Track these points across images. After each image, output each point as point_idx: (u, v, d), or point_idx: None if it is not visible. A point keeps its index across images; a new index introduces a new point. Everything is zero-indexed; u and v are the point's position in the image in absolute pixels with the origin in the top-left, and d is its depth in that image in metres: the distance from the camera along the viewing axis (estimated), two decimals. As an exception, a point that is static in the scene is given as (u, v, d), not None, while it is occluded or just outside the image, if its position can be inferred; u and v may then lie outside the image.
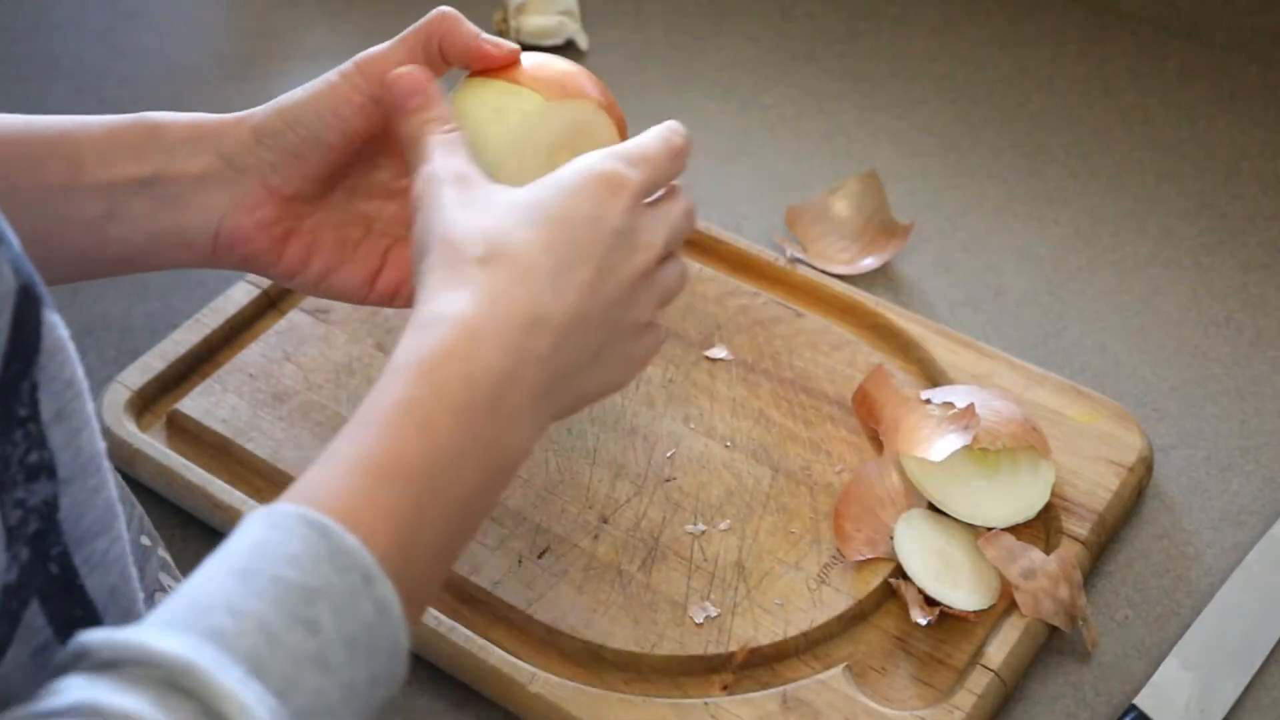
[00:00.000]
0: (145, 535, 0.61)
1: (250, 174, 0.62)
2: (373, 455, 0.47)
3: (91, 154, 0.60)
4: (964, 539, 0.68)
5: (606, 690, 0.64)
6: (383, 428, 0.48)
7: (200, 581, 0.43)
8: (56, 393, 0.43)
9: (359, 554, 0.44)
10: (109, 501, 0.46)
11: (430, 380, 0.49)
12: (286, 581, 0.42)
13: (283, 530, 0.44)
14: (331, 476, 0.47)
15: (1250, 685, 0.66)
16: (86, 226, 0.61)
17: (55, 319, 0.43)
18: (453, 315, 0.50)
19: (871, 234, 0.86)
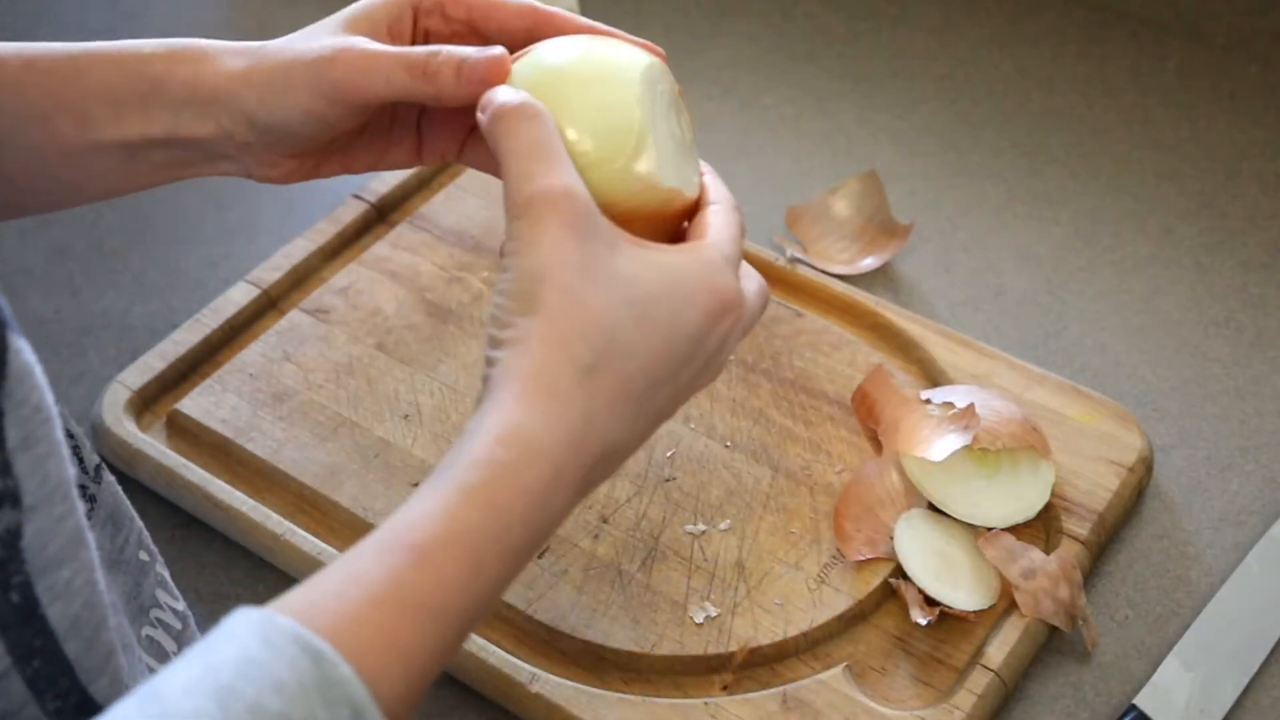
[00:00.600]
0: (143, 550, 0.60)
1: (254, 145, 0.60)
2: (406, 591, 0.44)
3: (97, 109, 0.58)
4: (964, 539, 0.68)
5: (606, 690, 0.64)
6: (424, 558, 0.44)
7: (178, 693, 0.40)
8: (23, 419, 0.42)
9: (351, 686, 0.41)
10: (76, 529, 0.44)
11: (489, 514, 0.46)
12: (266, 710, 0.39)
13: (274, 649, 0.41)
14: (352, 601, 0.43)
15: (1250, 685, 0.66)
16: (110, 169, 0.60)
17: (21, 344, 0.42)
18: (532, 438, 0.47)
19: (871, 234, 0.86)
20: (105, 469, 0.58)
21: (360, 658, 0.41)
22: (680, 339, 0.52)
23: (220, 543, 0.72)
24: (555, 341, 0.49)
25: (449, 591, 0.44)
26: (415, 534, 0.45)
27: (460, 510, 0.45)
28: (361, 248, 0.84)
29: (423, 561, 0.44)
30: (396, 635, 0.43)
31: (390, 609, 0.43)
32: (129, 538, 0.59)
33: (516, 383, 0.48)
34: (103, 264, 0.87)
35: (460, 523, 0.45)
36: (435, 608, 0.44)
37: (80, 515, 0.45)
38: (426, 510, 0.45)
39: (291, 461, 0.72)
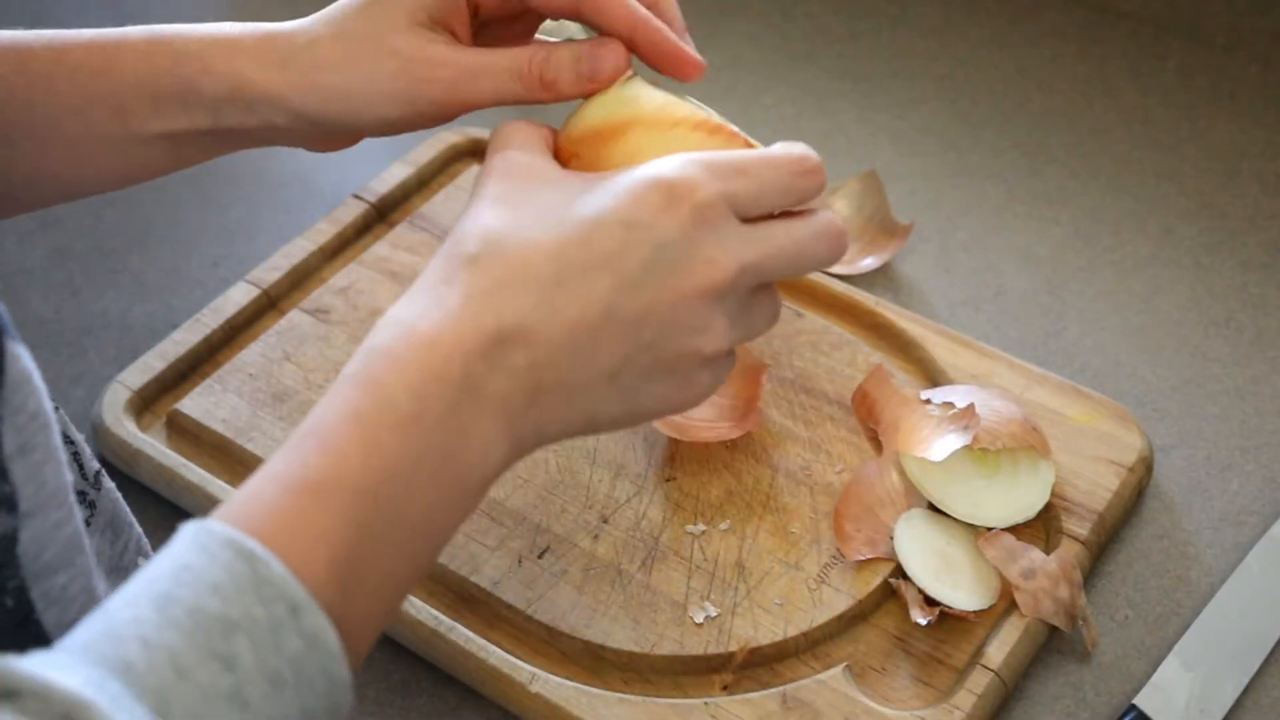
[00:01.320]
0: (143, 556, 0.60)
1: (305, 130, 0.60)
2: (311, 472, 0.44)
3: (135, 102, 0.58)
4: (964, 539, 0.68)
5: (606, 690, 0.64)
6: (322, 441, 0.45)
7: (120, 605, 0.40)
8: (20, 425, 0.42)
9: (286, 583, 0.41)
10: (73, 536, 0.45)
11: (374, 391, 0.46)
12: (205, 612, 0.40)
13: (208, 554, 0.41)
14: (268, 495, 0.44)
15: (1250, 685, 0.66)
16: (155, 159, 0.61)
17: (20, 350, 0.42)
18: (409, 320, 0.47)
19: (871, 234, 0.86)
20: (105, 475, 0.58)
21: (281, 546, 0.42)
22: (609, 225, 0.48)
23: (220, 543, 0.72)
24: (450, 242, 0.50)
25: (349, 467, 0.44)
26: (313, 423, 0.46)
27: (347, 393, 0.46)
28: (361, 248, 0.84)
29: (320, 445, 0.45)
30: (309, 517, 0.43)
31: (299, 494, 0.44)
32: (128, 544, 0.59)
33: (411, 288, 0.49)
34: (103, 264, 0.87)
35: (349, 404, 0.46)
36: (340, 485, 0.44)
37: (78, 522, 0.45)
38: (323, 404, 0.46)
39: (291, 461, 0.72)
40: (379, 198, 0.86)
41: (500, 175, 0.51)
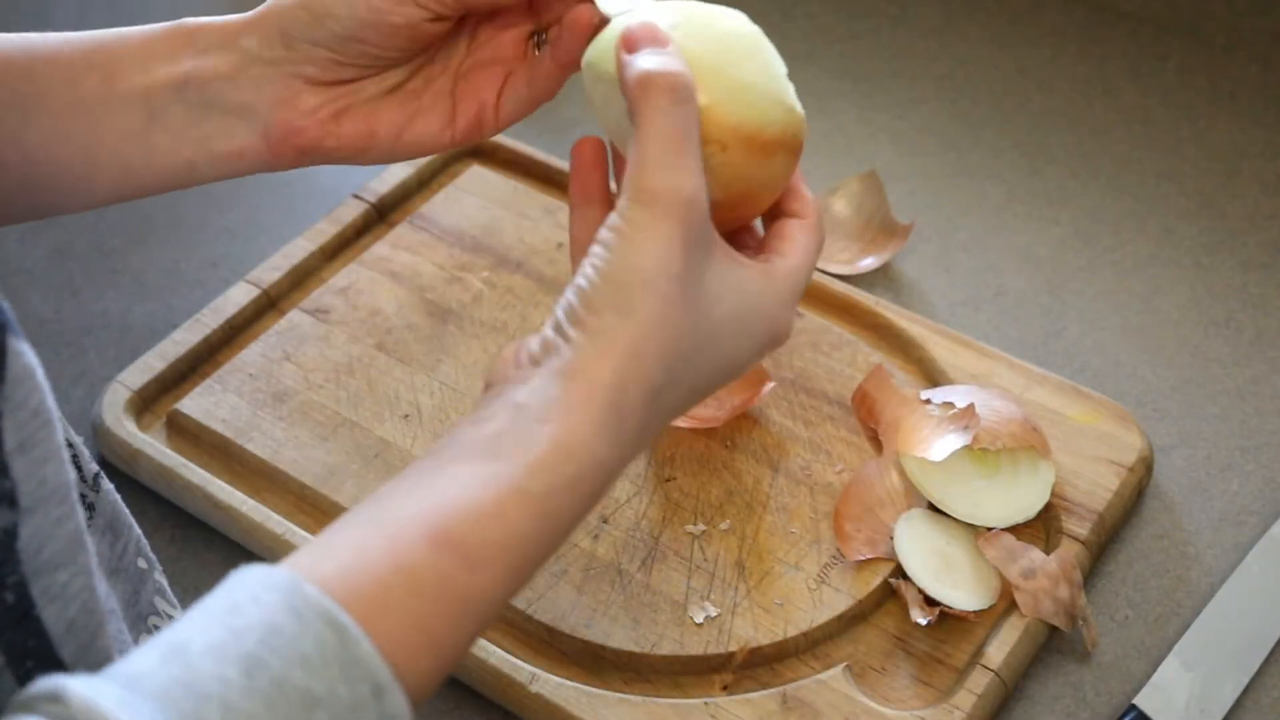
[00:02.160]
0: (142, 558, 0.60)
1: (282, 66, 0.59)
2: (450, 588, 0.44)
3: (127, 62, 0.59)
4: (964, 539, 0.68)
5: (606, 690, 0.64)
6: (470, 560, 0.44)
7: (203, 654, 0.40)
8: (21, 422, 0.42)
9: (374, 663, 0.41)
10: (74, 533, 0.44)
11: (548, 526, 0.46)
12: (290, 684, 0.39)
13: (300, 621, 0.41)
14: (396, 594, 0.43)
15: (1250, 685, 0.66)
16: (128, 137, 0.59)
17: (23, 346, 0.42)
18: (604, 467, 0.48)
19: (871, 234, 0.86)
20: (104, 477, 0.58)
21: (396, 646, 0.42)
22: (732, 366, 0.53)
23: (220, 543, 0.72)
24: (638, 356, 0.48)
25: (492, 595, 0.45)
26: (467, 532, 0.44)
27: (516, 516, 0.45)
28: (361, 248, 0.84)
29: (471, 564, 0.44)
30: (433, 629, 0.43)
31: (432, 604, 0.43)
32: (128, 545, 0.59)
33: (591, 390, 0.47)
34: (103, 264, 0.87)
35: (514, 530, 0.45)
36: (475, 609, 0.44)
37: (80, 519, 0.45)
38: (480, 506, 0.45)
39: (291, 461, 0.72)
40: (379, 197, 0.86)
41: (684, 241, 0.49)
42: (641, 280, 0.48)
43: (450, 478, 0.46)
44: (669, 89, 0.50)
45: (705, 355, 0.51)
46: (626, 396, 0.48)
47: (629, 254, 0.49)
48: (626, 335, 0.48)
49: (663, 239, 0.49)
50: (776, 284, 0.54)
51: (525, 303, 0.80)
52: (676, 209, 0.49)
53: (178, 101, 0.60)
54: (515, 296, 0.80)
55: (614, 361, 0.48)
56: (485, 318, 0.79)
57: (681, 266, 0.49)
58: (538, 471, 0.46)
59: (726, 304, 0.51)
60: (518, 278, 0.81)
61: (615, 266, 0.49)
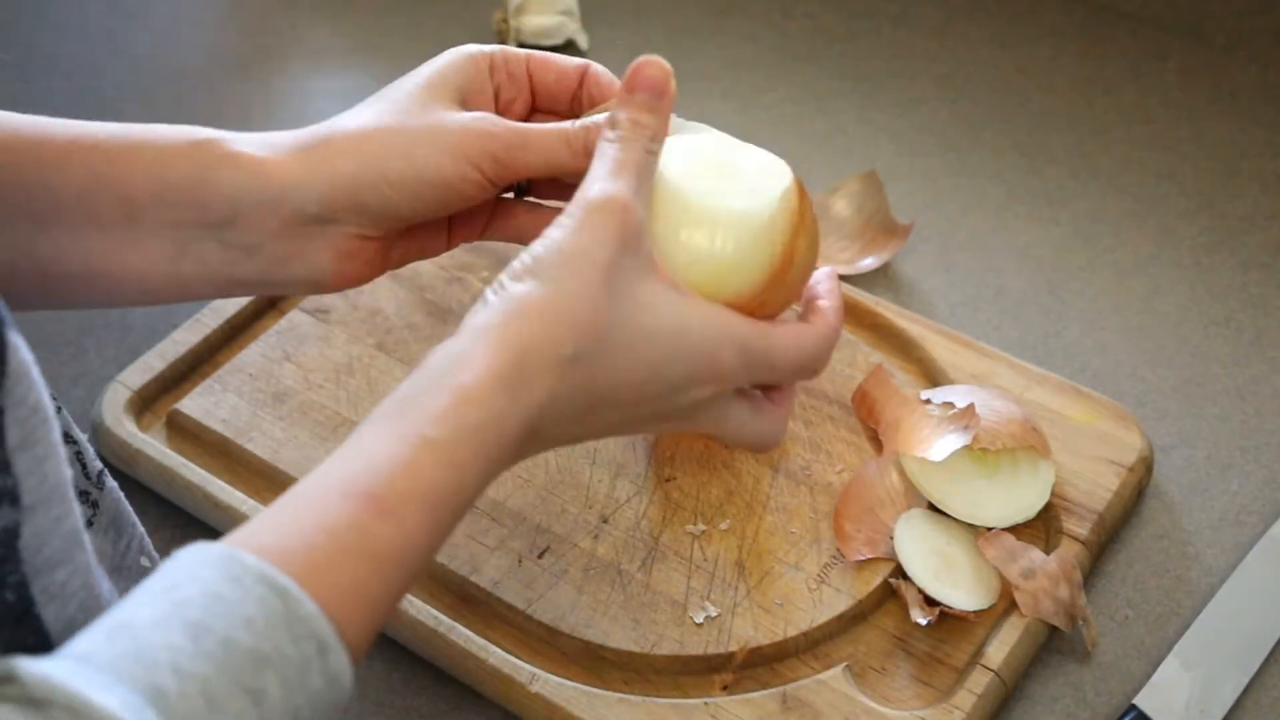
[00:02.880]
0: (145, 557, 0.60)
1: (346, 225, 0.59)
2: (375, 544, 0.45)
3: (142, 188, 0.56)
4: (964, 539, 0.68)
5: (606, 690, 0.64)
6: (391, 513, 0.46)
7: (149, 627, 0.40)
8: (22, 419, 0.42)
9: (317, 622, 0.42)
10: (73, 531, 0.44)
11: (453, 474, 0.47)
12: (237, 645, 0.40)
13: (241, 587, 0.42)
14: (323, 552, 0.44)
15: (1250, 685, 0.66)
16: (153, 265, 0.58)
17: (19, 341, 0.42)
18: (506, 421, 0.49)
19: (871, 234, 0.86)
20: (108, 475, 0.58)
21: (333, 606, 0.43)
22: (658, 379, 0.53)
23: (220, 543, 0.72)
24: (547, 318, 0.50)
25: (412, 544, 0.46)
26: (380, 485, 0.46)
27: (423, 464, 0.47)
28: (361, 248, 0.84)
29: (388, 514, 0.45)
30: (364, 584, 0.44)
31: (358, 560, 0.44)
32: (130, 544, 0.59)
33: (495, 343, 0.49)
34: (103, 264, 0.87)
35: (424, 478, 0.47)
36: (398, 559, 0.46)
37: (77, 518, 0.45)
38: (390, 458, 0.47)
39: (291, 461, 0.72)
40: (379, 198, 0.86)
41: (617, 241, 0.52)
42: (567, 258, 0.51)
43: (363, 440, 0.48)
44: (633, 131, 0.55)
45: (626, 353, 0.52)
46: (532, 355, 0.49)
47: (561, 239, 0.52)
48: (539, 297, 0.50)
49: (594, 232, 0.52)
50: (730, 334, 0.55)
51: (525, 303, 0.80)
52: (610, 211, 0.52)
53: (212, 239, 0.58)
54: (515, 296, 0.80)
55: (523, 322, 0.50)
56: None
57: (609, 257, 0.51)
58: (440, 420, 0.47)
59: (661, 316, 0.53)
60: (518, 278, 0.81)
61: (541, 249, 0.52)
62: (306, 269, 0.59)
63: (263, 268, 0.59)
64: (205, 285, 0.59)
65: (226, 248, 0.58)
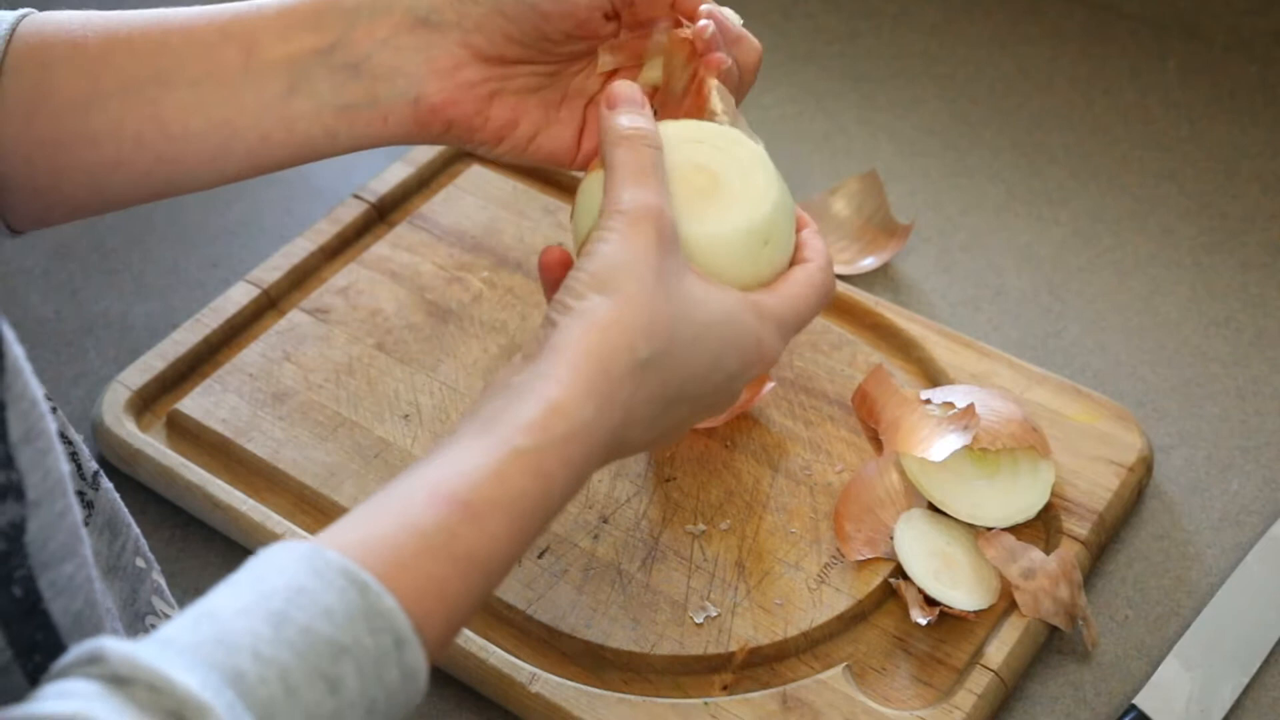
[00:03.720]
0: (140, 557, 0.60)
1: (450, 31, 0.60)
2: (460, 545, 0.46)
3: (266, 33, 0.59)
4: (964, 539, 0.68)
5: (606, 690, 0.64)
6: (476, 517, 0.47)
7: (232, 614, 0.42)
8: (24, 412, 0.42)
9: (395, 616, 0.43)
10: (75, 525, 0.45)
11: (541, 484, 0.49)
12: (317, 634, 0.42)
13: (323, 580, 0.43)
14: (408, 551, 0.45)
15: (1250, 685, 0.66)
16: (267, 106, 0.60)
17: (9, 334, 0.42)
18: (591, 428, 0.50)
19: (871, 234, 0.86)
20: (103, 476, 0.58)
21: (412, 602, 0.44)
22: (719, 370, 0.55)
23: (220, 543, 0.72)
24: (621, 327, 0.52)
25: (495, 548, 0.47)
26: (467, 490, 0.47)
27: (511, 473, 0.48)
28: (361, 248, 0.84)
29: (474, 519, 0.46)
30: (445, 584, 0.45)
31: (442, 560, 0.45)
32: (126, 544, 0.59)
33: (577, 356, 0.51)
34: (103, 264, 0.87)
35: (511, 485, 0.48)
36: (481, 562, 0.47)
37: (77, 513, 0.45)
38: (478, 466, 0.48)
39: (291, 461, 0.72)
40: (379, 197, 0.86)
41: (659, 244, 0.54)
42: (622, 268, 0.52)
43: (450, 451, 0.49)
44: (638, 136, 0.56)
45: (690, 348, 0.54)
46: (612, 362, 0.51)
47: (608, 254, 0.53)
48: (609, 308, 0.52)
49: (639, 239, 0.53)
50: (763, 310, 0.57)
51: (525, 303, 0.80)
52: (647, 218, 0.54)
53: (322, 65, 0.59)
54: (515, 296, 0.80)
55: (598, 333, 0.51)
56: (485, 318, 0.79)
57: (657, 261, 0.53)
58: (529, 430, 0.49)
59: (710, 311, 0.54)
60: (518, 278, 0.81)
61: (597, 264, 0.53)
62: (409, 83, 0.60)
63: (368, 87, 0.60)
64: (311, 124, 0.60)
65: (333, 70, 0.60)
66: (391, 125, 0.61)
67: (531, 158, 0.63)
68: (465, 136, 0.62)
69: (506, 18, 0.59)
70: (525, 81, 0.62)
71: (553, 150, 0.63)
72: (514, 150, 0.63)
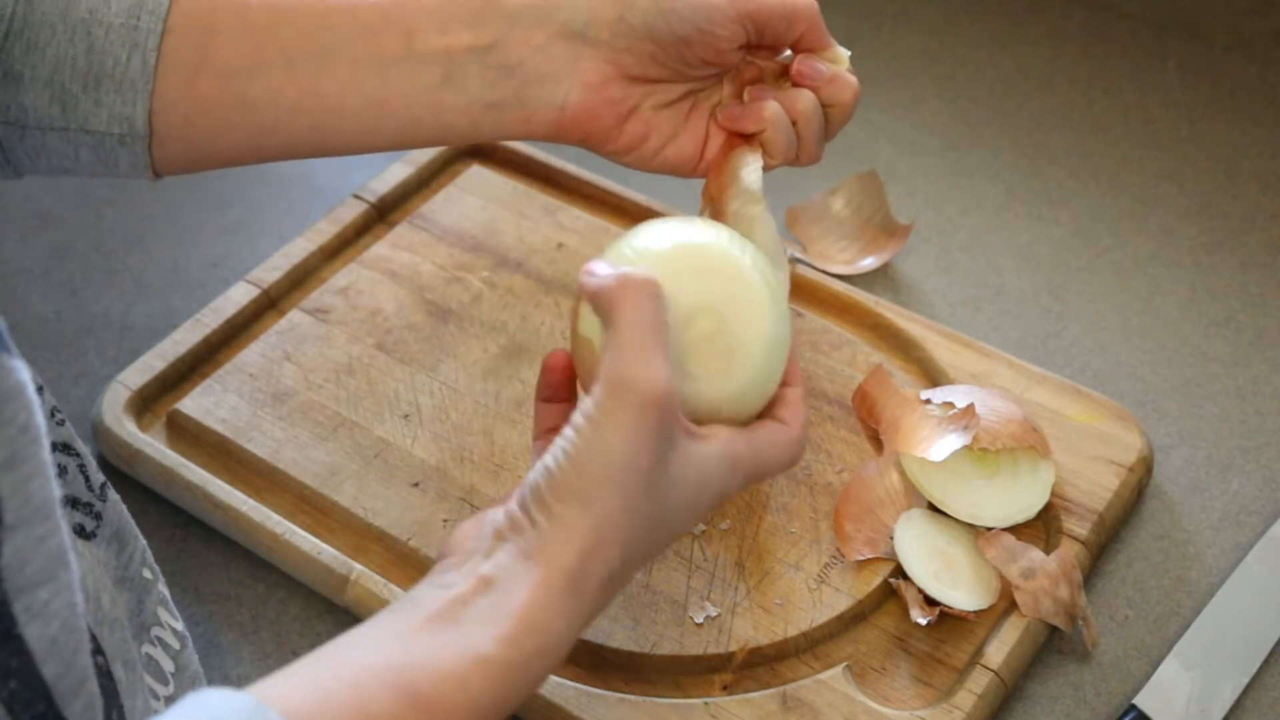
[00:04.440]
0: (147, 568, 0.60)
1: (601, 48, 0.62)
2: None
3: (425, 22, 0.61)
4: (964, 539, 0.68)
5: (606, 690, 0.64)
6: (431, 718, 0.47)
7: None
8: (9, 439, 0.42)
9: None
10: (58, 550, 0.44)
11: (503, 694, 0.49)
12: None
13: None
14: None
15: (1250, 685, 0.66)
16: (421, 93, 0.62)
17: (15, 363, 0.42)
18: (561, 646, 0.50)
19: (871, 234, 0.86)
20: (110, 487, 0.58)
21: None
22: (684, 521, 0.55)
23: (220, 543, 0.72)
24: (598, 546, 0.51)
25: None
26: (431, 692, 0.47)
27: (478, 683, 0.48)
28: (361, 248, 0.84)
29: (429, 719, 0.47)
30: None
31: None
32: (133, 555, 0.59)
33: (555, 573, 0.50)
34: (103, 264, 0.88)
35: (472, 691, 0.48)
36: None
37: (63, 537, 0.44)
38: (445, 669, 0.48)
39: (291, 461, 0.72)
40: (379, 198, 0.86)
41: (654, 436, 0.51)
42: (608, 475, 0.51)
43: (418, 639, 0.49)
44: (644, 285, 0.53)
45: (658, 535, 0.54)
46: (585, 580, 0.51)
47: (598, 445, 0.51)
48: (588, 526, 0.51)
49: (634, 433, 0.51)
50: (737, 468, 0.56)
51: (525, 303, 0.80)
52: (651, 404, 0.51)
53: (477, 63, 0.61)
54: (515, 296, 0.80)
55: (574, 550, 0.50)
56: (485, 318, 0.79)
57: (650, 461, 0.51)
58: (502, 644, 0.49)
59: (687, 485, 0.54)
60: (518, 278, 0.81)
61: (584, 455, 0.51)
62: (555, 91, 0.62)
63: (518, 88, 0.62)
64: (459, 114, 0.63)
65: (487, 68, 0.62)
66: (533, 125, 0.63)
67: (656, 167, 0.66)
68: (598, 145, 0.64)
69: (656, 43, 0.61)
70: (660, 98, 0.64)
71: (678, 161, 0.65)
72: (640, 160, 0.65)
